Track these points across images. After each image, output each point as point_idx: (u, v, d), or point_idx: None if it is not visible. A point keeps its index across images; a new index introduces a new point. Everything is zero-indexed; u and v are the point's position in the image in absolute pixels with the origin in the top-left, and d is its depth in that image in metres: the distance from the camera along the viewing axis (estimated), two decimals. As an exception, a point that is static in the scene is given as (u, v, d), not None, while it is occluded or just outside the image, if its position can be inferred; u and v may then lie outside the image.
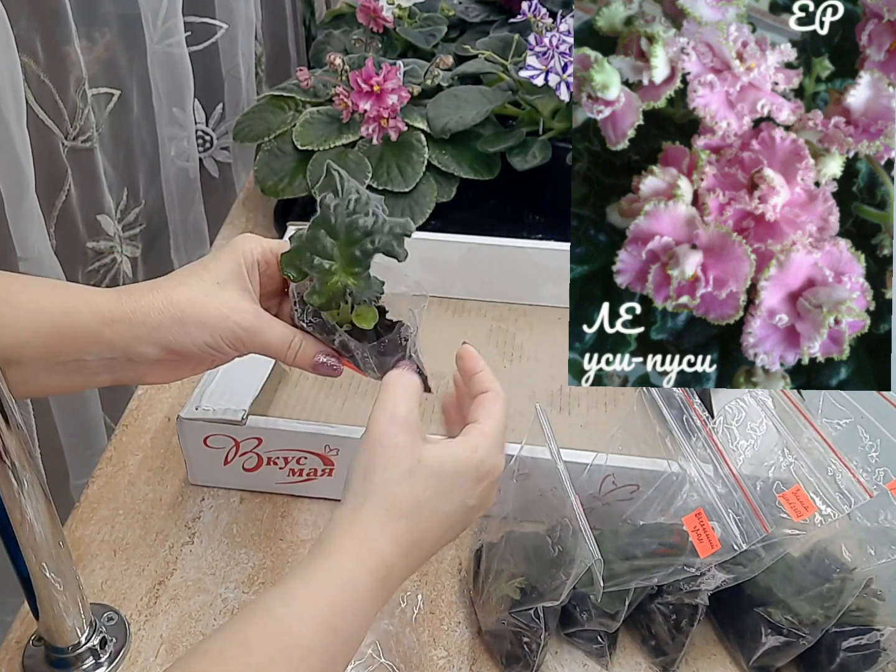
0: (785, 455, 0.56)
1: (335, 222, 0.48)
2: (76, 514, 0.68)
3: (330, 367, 0.52)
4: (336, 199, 0.48)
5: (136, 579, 0.63)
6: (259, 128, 0.97)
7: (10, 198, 0.71)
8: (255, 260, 0.52)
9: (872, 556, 0.54)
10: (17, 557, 0.49)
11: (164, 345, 0.49)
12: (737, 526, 0.51)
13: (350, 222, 0.47)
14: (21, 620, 0.60)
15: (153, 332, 0.48)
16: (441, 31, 1.15)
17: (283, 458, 0.67)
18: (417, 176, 0.91)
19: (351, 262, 0.48)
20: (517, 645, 0.56)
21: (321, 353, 0.51)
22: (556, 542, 0.56)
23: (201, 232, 1.18)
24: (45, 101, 0.77)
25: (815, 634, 0.55)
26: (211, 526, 0.67)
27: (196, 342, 0.49)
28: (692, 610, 0.56)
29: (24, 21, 0.73)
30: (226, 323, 0.49)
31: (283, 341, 0.51)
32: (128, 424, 0.76)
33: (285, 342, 0.51)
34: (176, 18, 0.98)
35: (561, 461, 0.56)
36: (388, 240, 0.47)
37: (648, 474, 0.61)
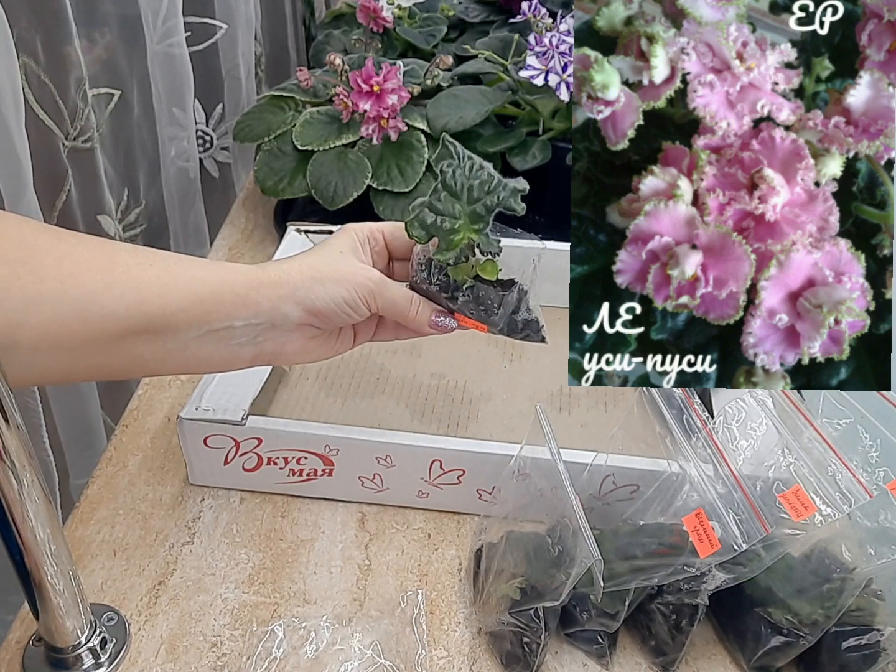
0: (785, 455, 0.56)
1: (456, 185, 0.52)
2: (76, 514, 0.68)
3: (446, 325, 0.58)
4: (457, 166, 0.53)
5: (136, 579, 0.63)
6: (259, 128, 0.97)
7: (10, 198, 0.71)
8: (365, 237, 0.58)
9: (872, 556, 0.54)
10: (17, 557, 0.49)
11: (306, 305, 0.54)
12: (737, 526, 0.51)
13: (472, 185, 0.52)
14: (21, 620, 0.60)
15: (296, 291, 0.54)
16: (441, 31, 1.15)
17: (283, 458, 0.67)
18: (417, 176, 0.91)
19: (474, 220, 0.53)
20: (517, 645, 0.57)
21: (437, 311, 0.58)
22: (556, 542, 0.56)
23: (201, 232, 1.18)
24: (45, 101, 0.77)
25: (815, 634, 0.55)
26: (211, 526, 0.67)
27: (335, 298, 0.55)
28: (692, 610, 0.56)
29: (24, 21, 0.73)
30: (358, 278, 0.55)
31: (406, 297, 0.57)
32: (128, 424, 0.76)
33: (407, 298, 0.57)
34: (176, 18, 0.98)
35: (561, 461, 0.56)
36: (507, 195, 0.52)
37: (648, 474, 0.61)
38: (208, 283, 0.52)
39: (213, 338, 0.53)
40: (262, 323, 0.54)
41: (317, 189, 0.90)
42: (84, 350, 0.48)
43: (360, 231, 0.58)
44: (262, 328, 0.54)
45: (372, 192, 0.90)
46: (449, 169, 0.53)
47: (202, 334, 0.52)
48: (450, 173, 0.53)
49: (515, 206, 0.52)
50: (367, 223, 0.59)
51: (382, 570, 0.64)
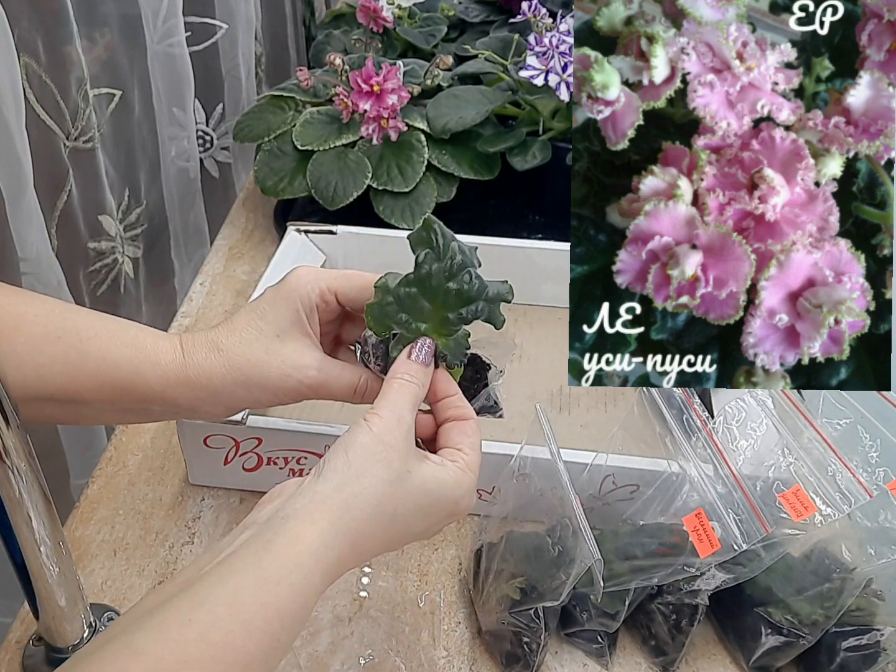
0: (785, 455, 0.56)
1: (432, 284, 0.46)
2: (76, 514, 0.68)
3: None
4: (435, 261, 0.46)
5: (136, 579, 0.63)
6: (259, 128, 0.97)
7: (10, 198, 0.71)
8: (313, 305, 0.51)
9: (872, 556, 0.54)
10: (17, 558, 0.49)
11: (228, 405, 0.50)
12: (737, 526, 0.51)
13: (449, 288, 0.46)
14: (21, 620, 0.60)
15: (217, 395, 0.49)
16: (441, 31, 1.15)
17: (283, 458, 0.67)
18: (417, 176, 0.91)
19: (444, 325, 0.47)
20: (517, 645, 0.57)
21: None
22: (556, 542, 0.56)
23: (202, 232, 1.18)
24: (46, 101, 0.77)
25: (815, 634, 0.55)
26: (211, 526, 0.67)
27: (260, 401, 0.50)
28: (692, 610, 0.56)
29: (25, 21, 0.73)
30: (289, 383, 0.49)
31: (349, 388, 0.51)
32: (128, 424, 0.76)
33: (350, 388, 0.51)
34: (176, 18, 0.98)
35: (561, 461, 0.56)
36: (486, 307, 0.47)
37: (648, 474, 0.61)
38: (121, 370, 0.47)
39: (130, 413, 0.50)
40: (181, 412, 0.50)
41: (317, 189, 0.90)
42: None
43: (306, 297, 0.50)
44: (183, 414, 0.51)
45: (372, 192, 0.91)
46: (426, 264, 0.46)
47: (116, 410, 0.49)
48: (426, 269, 0.46)
49: (495, 321, 0.47)
50: (318, 279, 0.51)
51: (382, 571, 0.64)
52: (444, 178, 0.93)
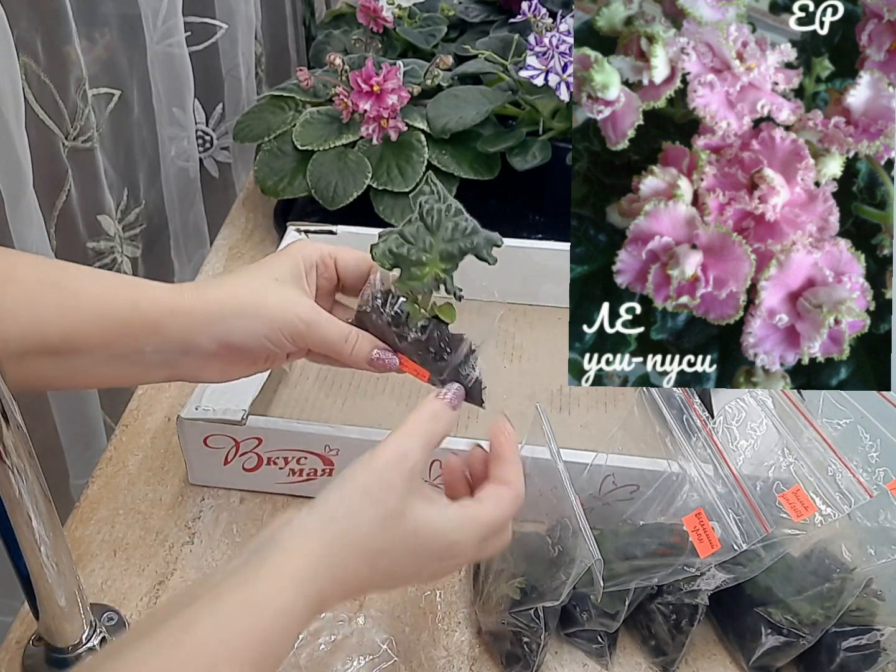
0: (785, 455, 0.56)
1: (433, 219, 0.51)
2: (76, 514, 0.68)
3: (386, 362, 0.52)
4: (436, 202, 0.51)
5: (136, 579, 0.63)
6: (259, 128, 0.97)
7: (9, 198, 0.71)
8: (313, 263, 0.53)
9: (872, 556, 0.54)
10: (17, 557, 0.49)
11: (221, 338, 0.50)
12: (737, 526, 0.51)
13: (448, 224, 0.51)
14: (21, 620, 0.60)
15: (212, 324, 0.49)
16: (441, 31, 1.15)
17: (283, 458, 0.67)
18: (417, 176, 0.91)
19: (444, 258, 0.51)
20: (517, 645, 0.57)
21: (377, 348, 0.52)
22: (556, 542, 0.56)
23: (201, 232, 1.18)
24: (45, 101, 0.77)
25: (815, 634, 0.55)
26: (211, 526, 0.67)
27: (255, 335, 0.50)
28: (692, 610, 0.56)
29: (24, 21, 0.73)
30: (286, 315, 0.50)
31: (341, 335, 0.52)
32: (128, 424, 0.76)
33: (342, 336, 0.52)
34: (176, 18, 0.98)
35: (561, 461, 0.56)
36: (481, 243, 0.51)
37: (648, 474, 0.61)
38: (116, 306, 0.48)
39: (122, 361, 0.49)
40: (174, 350, 0.50)
41: (317, 189, 0.90)
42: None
43: (309, 255, 0.53)
44: (175, 354, 0.50)
45: (372, 191, 0.90)
46: (427, 203, 0.51)
47: (108, 357, 0.49)
48: (428, 207, 0.51)
49: (487, 258, 0.51)
50: (323, 246, 0.54)
51: (382, 570, 0.64)
52: (444, 178, 0.93)
